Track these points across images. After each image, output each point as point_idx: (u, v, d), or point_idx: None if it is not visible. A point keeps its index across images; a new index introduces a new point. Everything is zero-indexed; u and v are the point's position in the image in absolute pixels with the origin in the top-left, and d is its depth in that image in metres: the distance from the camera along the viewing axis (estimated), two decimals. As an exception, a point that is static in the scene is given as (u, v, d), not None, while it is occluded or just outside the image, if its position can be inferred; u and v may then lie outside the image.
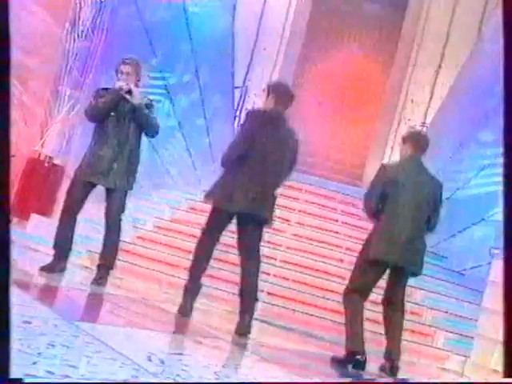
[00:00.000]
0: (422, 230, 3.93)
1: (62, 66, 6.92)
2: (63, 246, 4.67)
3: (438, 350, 5.22)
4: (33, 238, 5.38)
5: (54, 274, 4.54)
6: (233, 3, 7.84)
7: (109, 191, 4.66)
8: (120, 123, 4.58)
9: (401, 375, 3.85)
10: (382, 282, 4.13)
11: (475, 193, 6.81)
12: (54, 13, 7.03)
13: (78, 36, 7.06)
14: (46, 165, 6.85)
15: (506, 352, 1.86)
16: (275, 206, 4.09)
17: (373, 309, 4.19)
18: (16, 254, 4.78)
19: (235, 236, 4.14)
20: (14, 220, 6.61)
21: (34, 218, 6.24)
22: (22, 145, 7.01)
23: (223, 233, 4.26)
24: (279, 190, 6.75)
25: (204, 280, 4.98)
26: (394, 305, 3.93)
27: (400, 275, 3.92)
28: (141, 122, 4.56)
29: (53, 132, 7.06)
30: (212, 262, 5.13)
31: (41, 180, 6.70)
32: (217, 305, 5.04)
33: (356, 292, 3.84)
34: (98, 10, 7.53)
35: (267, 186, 4.00)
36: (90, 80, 6.87)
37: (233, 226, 4.15)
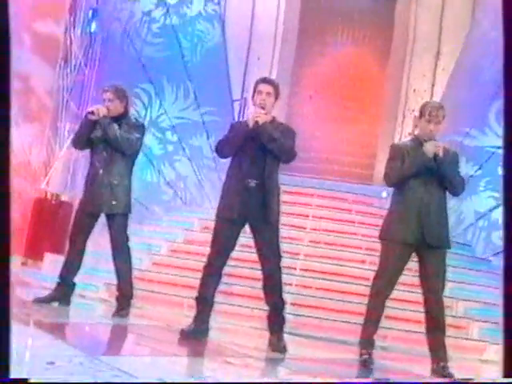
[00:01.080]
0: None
1: (58, 101, 6.93)
2: (66, 275, 4.66)
3: (474, 341, 5.06)
4: (48, 277, 5.33)
5: (51, 306, 4.55)
6: (222, 18, 7.86)
7: (108, 218, 4.66)
8: (102, 145, 4.60)
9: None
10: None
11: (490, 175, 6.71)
12: (45, 52, 7.05)
13: (71, 70, 7.07)
14: (54, 203, 6.84)
15: (505, 352, 1.78)
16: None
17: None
18: (33, 296, 4.74)
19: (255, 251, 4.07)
20: (29, 261, 6.59)
21: (48, 257, 6.21)
22: (28, 186, 7.00)
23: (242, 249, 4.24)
24: (290, 199, 6.81)
25: (226, 298, 4.92)
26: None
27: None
28: (108, 138, 4.54)
29: (57, 169, 7.05)
30: (232, 279, 5.09)
31: (50, 219, 6.70)
32: (241, 322, 4.94)
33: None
34: (89, 42, 7.57)
35: None
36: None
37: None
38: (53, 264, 5.63)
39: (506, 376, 1.78)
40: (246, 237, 4.12)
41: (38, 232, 6.66)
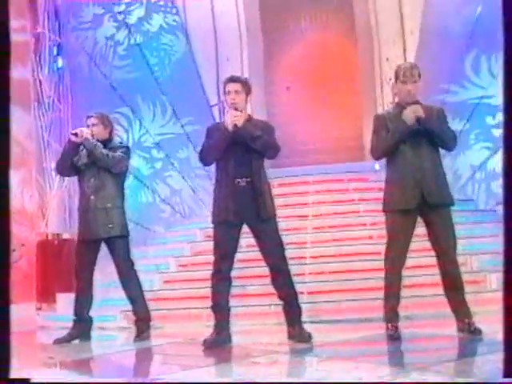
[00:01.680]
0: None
1: (39, 143, 6.93)
2: (80, 311, 4.67)
3: (495, 292, 5.04)
4: (65, 317, 5.32)
5: (72, 344, 4.57)
6: (184, 27, 7.85)
7: (108, 244, 4.65)
8: (89, 172, 4.61)
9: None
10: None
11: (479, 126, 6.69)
12: (17, 97, 7.03)
13: (46, 110, 7.07)
14: (56, 243, 6.84)
15: (505, 351, 1.78)
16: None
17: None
18: (52, 338, 4.73)
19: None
20: (43, 306, 6.57)
21: (61, 297, 6.21)
22: (28, 232, 6.99)
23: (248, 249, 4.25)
24: (288, 190, 6.80)
25: (241, 300, 4.91)
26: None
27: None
28: (94, 158, 4.55)
29: (52, 209, 7.05)
30: (244, 281, 5.09)
31: (56, 259, 6.70)
32: (262, 321, 4.92)
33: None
34: (59, 78, 7.57)
35: None
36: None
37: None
38: (67, 303, 5.61)
39: (506, 376, 1.77)
40: (249, 237, 4.12)
41: (46, 275, 6.65)
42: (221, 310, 4.00)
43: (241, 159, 3.91)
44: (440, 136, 3.90)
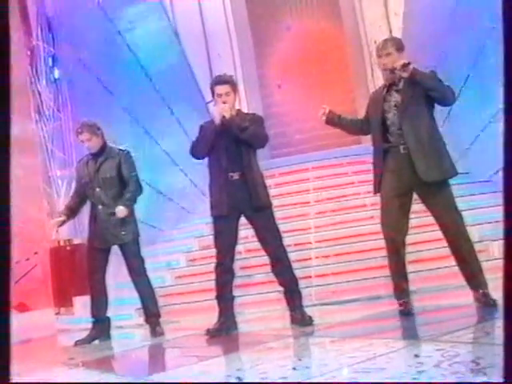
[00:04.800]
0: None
1: (43, 152, 7.03)
2: (97, 313, 4.78)
3: (498, 260, 5.14)
4: (83, 319, 5.45)
5: (93, 345, 4.67)
6: (174, 31, 7.92)
7: (121, 247, 4.76)
8: (94, 186, 4.71)
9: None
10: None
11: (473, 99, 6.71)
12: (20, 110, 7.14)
13: (47, 120, 7.17)
14: (69, 248, 6.96)
15: (506, 353, 1.84)
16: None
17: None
18: (71, 341, 4.86)
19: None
20: (61, 310, 6.73)
21: (77, 300, 6.34)
22: (40, 240, 7.12)
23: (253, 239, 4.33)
24: (288, 179, 6.89)
25: (250, 289, 5.01)
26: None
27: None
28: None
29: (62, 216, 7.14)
30: (251, 271, 5.18)
31: (69, 264, 6.82)
32: (272, 307, 5.00)
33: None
34: (56, 89, 7.65)
35: None
36: (75, 155, 6.99)
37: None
38: (84, 306, 5.74)
39: (505, 376, 1.84)
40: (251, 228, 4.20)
41: (61, 280, 6.79)
42: (224, 301, 4.10)
43: (232, 153, 3.98)
44: (435, 88, 3.60)
